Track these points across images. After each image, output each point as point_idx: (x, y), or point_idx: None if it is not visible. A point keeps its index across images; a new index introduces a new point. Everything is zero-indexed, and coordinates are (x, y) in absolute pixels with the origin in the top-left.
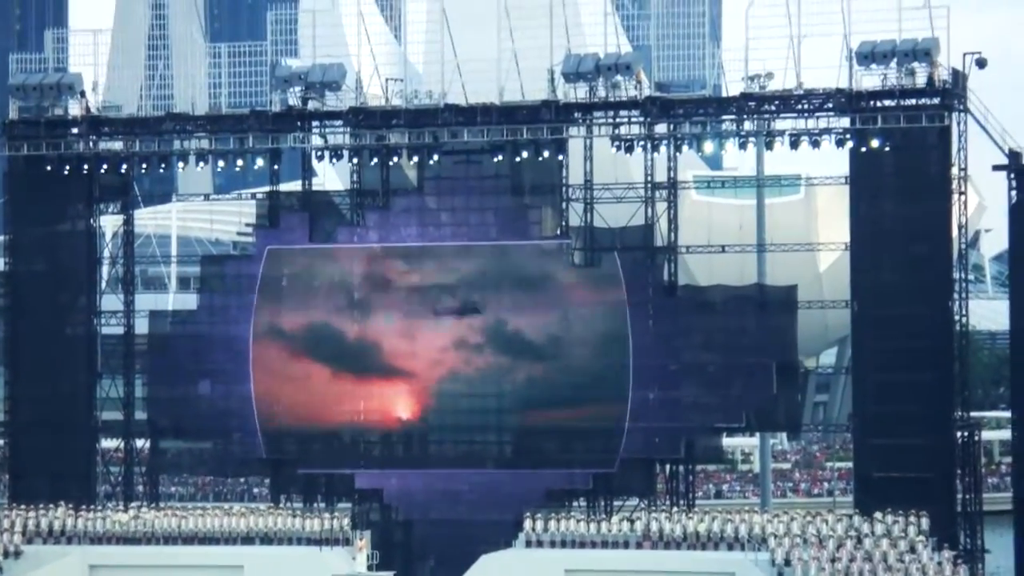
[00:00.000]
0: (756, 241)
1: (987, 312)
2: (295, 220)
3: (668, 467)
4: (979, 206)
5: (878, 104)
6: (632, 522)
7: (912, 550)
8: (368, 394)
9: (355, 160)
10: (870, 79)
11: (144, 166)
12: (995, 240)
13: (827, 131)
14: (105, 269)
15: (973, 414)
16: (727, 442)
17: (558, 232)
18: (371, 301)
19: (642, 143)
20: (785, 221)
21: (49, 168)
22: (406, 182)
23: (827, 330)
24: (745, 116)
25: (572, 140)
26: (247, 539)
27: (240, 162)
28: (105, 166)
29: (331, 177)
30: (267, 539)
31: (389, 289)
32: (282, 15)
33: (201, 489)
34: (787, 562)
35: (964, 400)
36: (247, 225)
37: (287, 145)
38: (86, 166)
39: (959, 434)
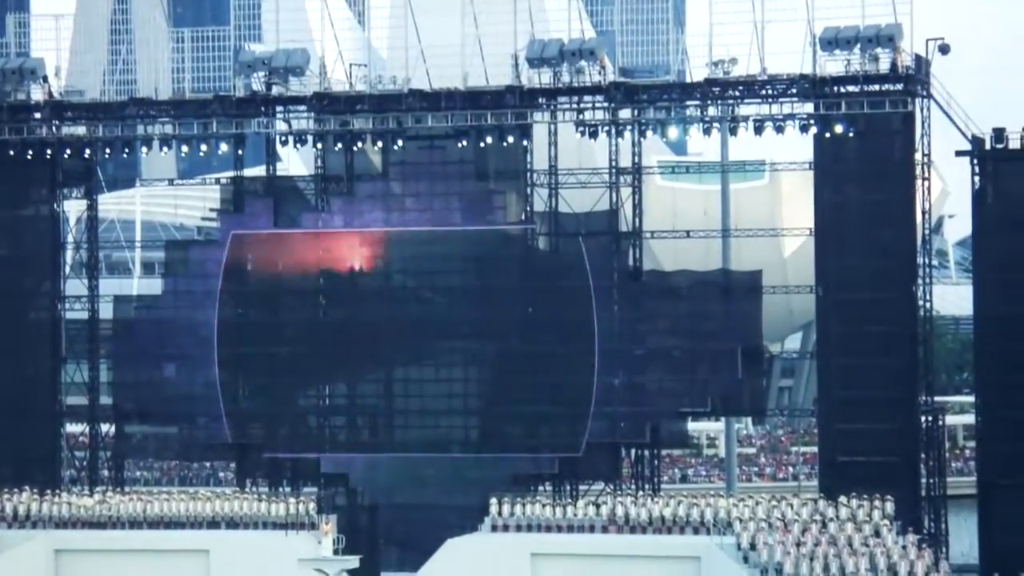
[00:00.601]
0: (721, 226)
1: (951, 297)
2: (259, 205)
3: (633, 451)
4: (942, 192)
5: (842, 90)
6: (598, 506)
7: (876, 534)
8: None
9: (319, 145)
10: (834, 65)
11: (108, 151)
12: (958, 226)
13: (791, 117)
14: (69, 254)
15: (937, 399)
16: (692, 427)
17: (523, 217)
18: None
19: (606, 128)
20: (750, 206)
21: (12, 153)
22: (370, 167)
23: (792, 315)
24: (709, 102)
25: (536, 125)
26: (213, 523)
27: (204, 147)
28: (68, 151)
29: (295, 162)
30: (233, 523)
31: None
32: (245, 0)
33: (166, 473)
34: (752, 546)
35: (928, 385)
36: (211, 210)
37: (251, 130)
38: (49, 151)
39: (923, 418)
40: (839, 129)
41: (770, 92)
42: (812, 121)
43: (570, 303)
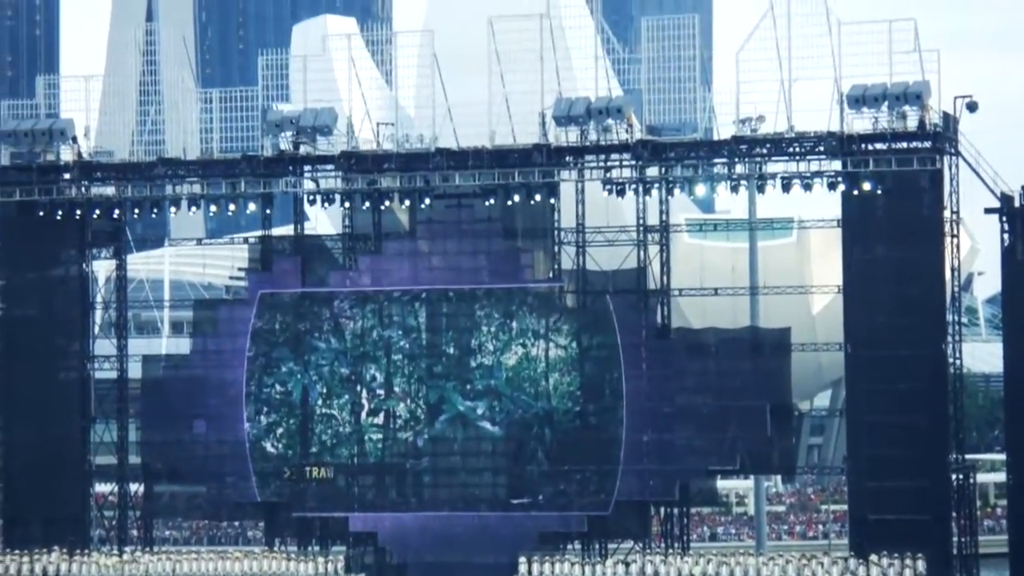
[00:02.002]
0: (749, 284)
1: (981, 354)
2: (287, 264)
3: (663, 509)
4: (971, 249)
5: (869, 147)
6: (627, 565)
7: None
8: None
9: (347, 204)
10: (861, 122)
11: (136, 211)
12: (988, 283)
13: (819, 174)
14: (98, 314)
15: (968, 456)
16: (721, 484)
17: (550, 275)
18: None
19: (634, 186)
20: (778, 264)
21: (42, 213)
22: (398, 226)
23: (821, 372)
24: (737, 159)
25: (564, 183)
26: None
27: (232, 206)
28: (97, 211)
29: (323, 221)
30: None
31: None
32: (273, 60)
33: (195, 533)
34: None
35: (959, 442)
36: (239, 269)
37: (279, 189)
38: (78, 211)
39: (954, 476)
40: (867, 187)
41: (798, 150)
42: (840, 179)
43: (598, 361)
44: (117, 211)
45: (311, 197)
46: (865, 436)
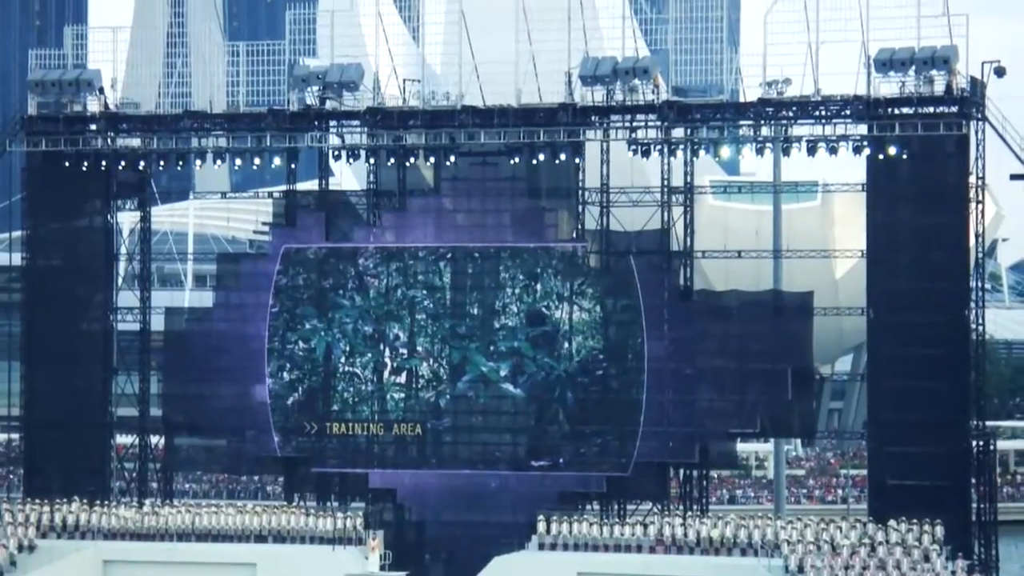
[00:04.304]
0: (772, 247)
1: (1004, 321)
2: (311, 220)
3: (682, 472)
4: (996, 215)
5: (896, 111)
6: (645, 526)
7: (926, 558)
8: None
9: (372, 160)
10: (888, 86)
11: (161, 163)
12: (1012, 249)
13: (844, 138)
14: (122, 265)
15: (988, 423)
16: (741, 447)
17: (574, 235)
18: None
19: (659, 147)
20: (802, 227)
21: (67, 164)
22: (423, 183)
23: (843, 337)
24: (762, 121)
25: (589, 143)
26: (260, 537)
27: (257, 161)
28: (123, 163)
29: (348, 177)
30: (280, 537)
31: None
32: (301, 15)
33: (215, 486)
34: (800, 568)
35: (979, 409)
36: (263, 224)
37: (304, 144)
38: (104, 162)
39: (974, 443)
40: (892, 151)
41: (824, 113)
42: (865, 143)
43: (620, 322)
44: (142, 163)
45: (336, 152)
46: (886, 401)
